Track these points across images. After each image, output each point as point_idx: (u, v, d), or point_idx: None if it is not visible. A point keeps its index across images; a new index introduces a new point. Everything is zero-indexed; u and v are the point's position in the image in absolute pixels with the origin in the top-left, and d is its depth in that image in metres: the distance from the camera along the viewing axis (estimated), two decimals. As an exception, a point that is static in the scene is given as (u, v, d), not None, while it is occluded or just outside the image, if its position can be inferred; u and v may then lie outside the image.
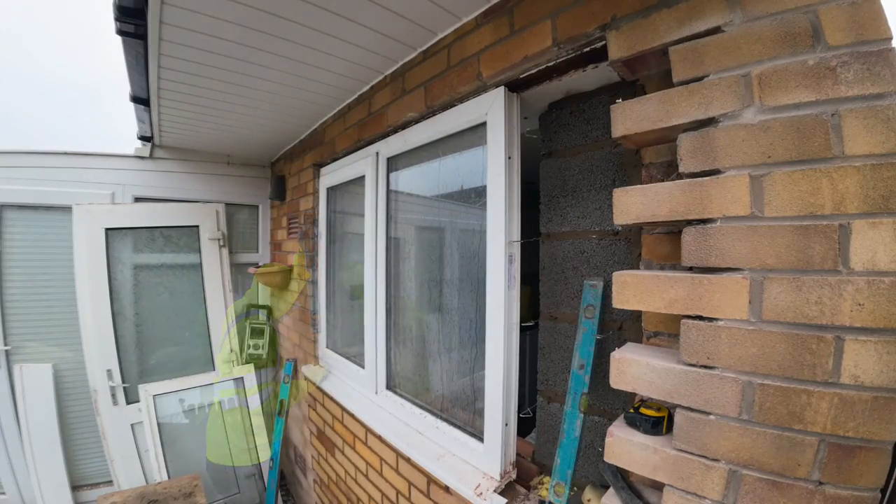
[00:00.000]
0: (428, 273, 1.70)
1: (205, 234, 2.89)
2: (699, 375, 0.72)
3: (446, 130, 1.42)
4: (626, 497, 0.87)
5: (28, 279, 2.54)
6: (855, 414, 0.60)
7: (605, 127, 1.11)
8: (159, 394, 2.57)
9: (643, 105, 0.81)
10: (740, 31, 0.70)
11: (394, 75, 1.62)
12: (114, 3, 1.26)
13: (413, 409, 1.66)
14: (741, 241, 0.68)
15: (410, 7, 1.22)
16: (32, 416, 2.44)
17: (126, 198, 2.79)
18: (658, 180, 0.91)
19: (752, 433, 0.67)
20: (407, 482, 1.59)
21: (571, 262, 1.20)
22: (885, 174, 0.58)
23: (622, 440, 0.82)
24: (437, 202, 1.61)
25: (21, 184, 2.50)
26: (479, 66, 1.23)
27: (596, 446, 1.14)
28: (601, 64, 1.00)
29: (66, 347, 2.60)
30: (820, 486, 0.62)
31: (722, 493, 0.70)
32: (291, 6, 1.20)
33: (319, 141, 2.32)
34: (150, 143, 2.72)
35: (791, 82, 0.64)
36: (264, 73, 1.62)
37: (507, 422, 1.23)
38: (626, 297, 0.82)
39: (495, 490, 1.19)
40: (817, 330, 0.62)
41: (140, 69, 1.62)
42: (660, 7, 0.81)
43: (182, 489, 2.29)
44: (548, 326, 1.27)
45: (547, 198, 1.28)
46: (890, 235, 0.57)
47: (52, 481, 2.46)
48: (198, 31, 1.31)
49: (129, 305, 2.66)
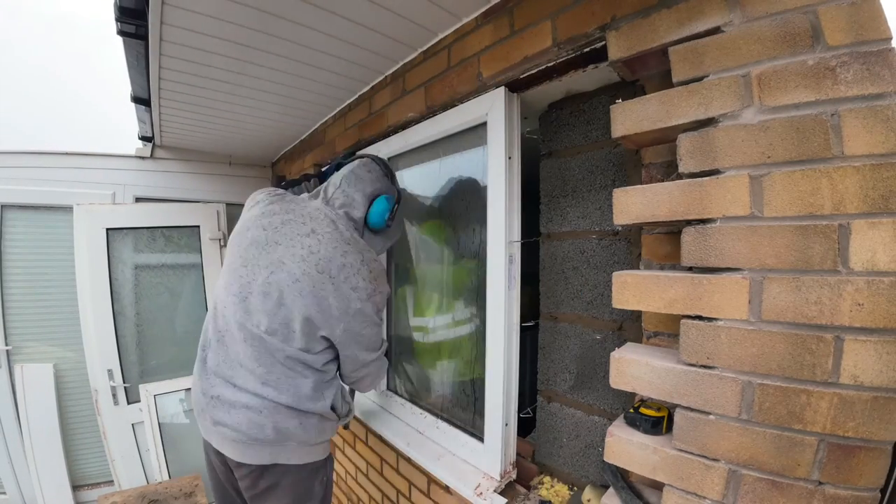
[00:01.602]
0: (427, 271, 1.70)
1: (206, 234, 2.89)
2: (699, 375, 0.72)
3: (446, 130, 1.42)
4: (625, 497, 0.87)
5: (29, 279, 2.54)
6: (854, 414, 0.60)
7: (605, 127, 1.11)
8: (160, 394, 2.57)
9: (643, 105, 0.81)
10: (740, 32, 0.70)
11: (394, 75, 1.62)
12: (115, 4, 1.26)
13: (413, 408, 1.66)
14: (741, 241, 0.68)
15: (411, 7, 1.22)
16: (33, 416, 2.45)
17: (127, 198, 2.80)
18: (658, 180, 0.91)
19: (752, 433, 0.67)
20: (407, 482, 1.59)
21: (571, 262, 1.20)
22: (885, 174, 0.58)
23: (622, 440, 0.82)
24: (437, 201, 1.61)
25: (22, 184, 2.50)
26: (480, 66, 1.23)
27: (596, 446, 1.14)
28: (601, 64, 1.00)
29: (66, 347, 2.61)
30: (819, 486, 0.62)
31: (722, 492, 0.70)
32: (292, 7, 1.20)
33: (320, 141, 2.32)
34: (151, 143, 2.72)
35: (791, 82, 0.64)
36: (265, 73, 1.63)
37: (508, 422, 1.23)
38: (626, 297, 0.82)
39: (495, 490, 1.19)
40: (817, 330, 0.62)
41: (141, 69, 1.62)
42: (659, 7, 0.81)
43: (183, 489, 2.29)
44: (548, 326, 1.27)
45: (547, 198, 1.28)
46: (889, 235, 0.57)
47: (52, 481, 2.46)
48: (198, 32, 1.32)
49: (130, 305, 2.66)
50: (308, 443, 1.17)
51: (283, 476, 1.15)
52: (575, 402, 1.20)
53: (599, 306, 1.13)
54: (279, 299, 1.10)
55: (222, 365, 1.14)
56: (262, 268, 1.13)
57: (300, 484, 1.18)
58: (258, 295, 1.12)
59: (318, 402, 1.16)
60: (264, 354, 1.11)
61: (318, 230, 1.15)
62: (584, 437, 1.18)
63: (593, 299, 1.15)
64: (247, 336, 1.12)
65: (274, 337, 1.11)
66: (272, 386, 1.11)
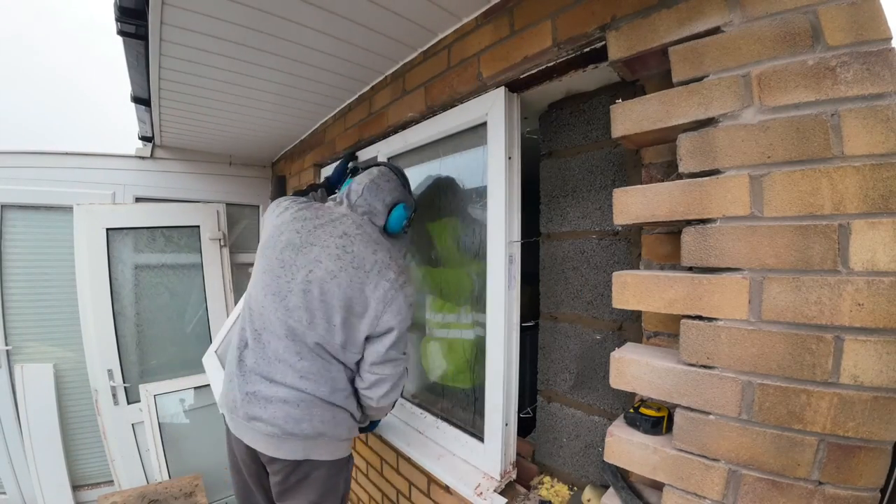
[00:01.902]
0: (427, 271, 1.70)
1: (205, 234, 2.89)
2: (699, 375, 0.72)
3: (446, 130, 1.42)
4: (626, 497, 0.87)
5: (29, 279, 2.54)
6: (854, 414, 0.60)
7: (605, 127, 1.11)
8: (160, 394, 2.57)
9: (643, 105, 0.81)
10: (740, 32, 0.70)
11: (394, 75, 1.62)
12: (115, 4, 1.26)
13: (413, 408, 1.66)
14: (741, 241, 0.68)
15: (411, 7, 1.22)
16: (33, 416, 2.44)
17: (127, 198, 2.79)
18: (658, 180, 0.91)
19: (752, 433, 0.67)
20: (407, 482, 1.59)
21: (571, 262, 1.20)
22: (885, 174, 0.58)
23: (622, 440, 0.82)
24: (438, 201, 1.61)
25: (22, 184, 2.50)
26: (480, 66, 1.23)
27: (596, 446, 1.14)
28: (601, 64, 1.00)
29: (66, 347, 2.61)
30: (819, 486, 0.62)
31: (722, 492, 0.70)
32: (292, 7, 1.20)
33: (320, 141, 2.32)
34: (151, 143, 2.72)
35: (791, 82, 0.65)
36: (265, 73, 1.63)
37: (508, 422, 1.23)
38: (626, 297, 0.82)
39: (495, 490, 1.19)
40: (817, 330, 0.62)
41: (141, 69, 1.62)
42: (659, 7, 0.81)
43: (183, 489, 2.29)
44: (548, 326, 1.27)
45: (547, 198, 1.28)
46: (889, 235, 0.57)
47: (52, 481, 2.46)
48: (198, 32, 1.32)
49: (130, 305, 2.66)
50: (338, 438, 1.22)
51: (314, 469, 1.21)
52: (575, 402, 1.20)
53: (599, 306, 1.13)
54: (320, 295, 1.16)
55: (260, 362, 1.19)
56: (301, 268, 1.19)
57: (329, 479, 1.24)
58: (298, 293, 1.17)
59: (350, 399, 1.22)
60: (304, 349, 1.18)
61: (349, 232, 1.22)
62: (584, 437, 1.18)
63: (593, 299, 1.15)
64: (288, 332, 1.18)
65: (314, 331, 1.17)
66: (311, 379, 1.17)
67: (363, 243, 1.21)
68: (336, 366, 1.20)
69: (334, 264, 1.17)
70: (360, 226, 1.25)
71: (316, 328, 1.16)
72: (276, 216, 1.31)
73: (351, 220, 1.26)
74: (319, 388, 1.17)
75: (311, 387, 1.16)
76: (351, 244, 1.20)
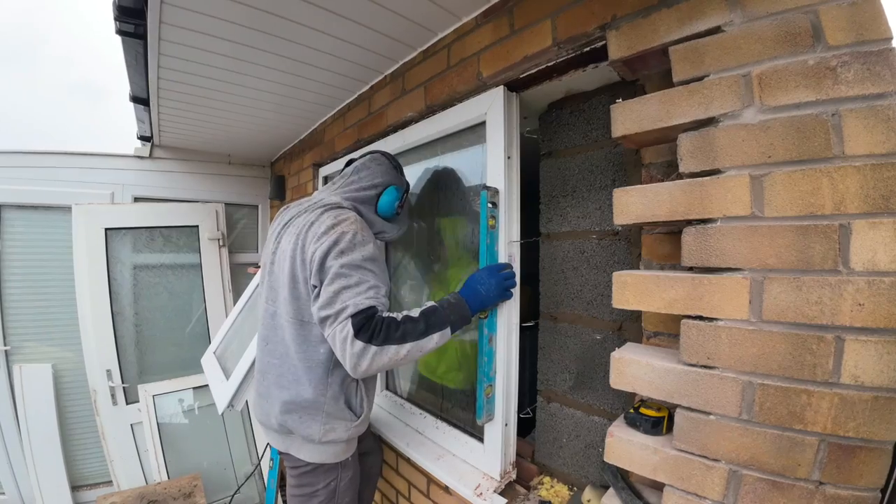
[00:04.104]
0: (426, 270, 1.70)
1: (204, 234, 2.88)
2: (699, 375, 0.72)
3: (446, 130, 1.41)
4: (626, 497, 0.87)
5: (27, 279, 2.53)
6: (855, 414, 0.60)
7: (605, 127, 1.10)
8: (159, 394, 2.56)
9: (643, 105, 0.81)
10: (740, 31, 0.70)
11: (393, 75, 1.62)
12: (114, 3, 1.25)
13: (413, 409, 1.66)
14: (741, 241, 0.68)
15: (410, 7, 1.22)
16: (32, 417, 2.44)
17: (126, 198, 2.79)
18: (658, 180, 0.91)
19: (753, 433, 0.67)
20: (407, 482, 1.59)
21: (571, 262, 1.20)
22: (886, 174, 0.58)
23: (622, 440, 0.82)
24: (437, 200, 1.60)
25: (21, 184, 2.49)
26: (479, 65, 1.22)
27: (596, 446, 1.14)
28: (601, 64, 0.99)
29: (65, 347, 2.60)
30: (820, 487, 0.62)
31: (722, 493, 0.69)
32: (291, 6, 1.20)
33: (319, 141, 2.32)
34: (150, 142, 2.71)
35: (791, 82, 0.64)
36: (264, 73, 1.62)
37: (507, 422, 1.23)
38: (626, 297, 0.81)
39: (495, 490, 1.19)
40: (817, 330, 0.62)
41: (140, 69, 1.61)
42: (660, 7, 0.81)
43: (182, 489, 2.28)
44: (548, 326, 1.27)
45: (547, 198, 1.28)
46: (890, 235, 0.57)
47: (51, 481, 2.46)
48: (197, 31, 1.31)
49: (129, 305, 2.66)
50: (311, 439, 1.18)
51: (295, 466, 1.27)
52: (575, 403, 1.20)
53: (599, 306, 1.13)
54: (278, 276, 1.22)
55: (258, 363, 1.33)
56: (269, 263, 1.28)
57: (304, 477, 1.25)
58: (266, 286, 1.29)
59: (322, 398, 1.17)
60: (269, 347, 1.25)
61: (312, 214, 1.19)
62: (584, 438, 1.18)
63: (593, 299, 1.15)
64: (260, 334, 1.29)
65: (272, 315, 1.24)
66: (274, 373, 1.24)
67: (318, 217, 1.15)
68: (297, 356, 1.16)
69: (290, 247, 1.16)
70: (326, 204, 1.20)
71: (270, 306, 1.24)
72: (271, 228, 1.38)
73: (319, 199, 1.25)
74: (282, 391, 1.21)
75: (273, 385, 1.23)
76: (308, 224, 1.14)
